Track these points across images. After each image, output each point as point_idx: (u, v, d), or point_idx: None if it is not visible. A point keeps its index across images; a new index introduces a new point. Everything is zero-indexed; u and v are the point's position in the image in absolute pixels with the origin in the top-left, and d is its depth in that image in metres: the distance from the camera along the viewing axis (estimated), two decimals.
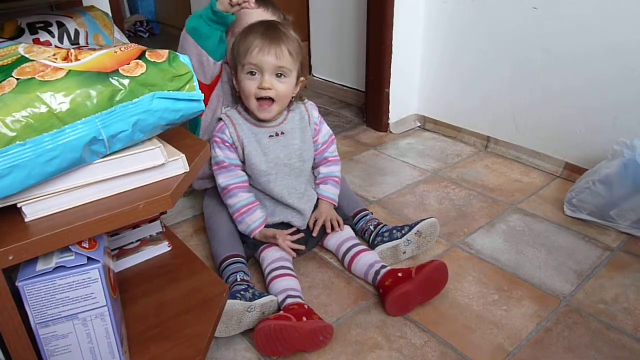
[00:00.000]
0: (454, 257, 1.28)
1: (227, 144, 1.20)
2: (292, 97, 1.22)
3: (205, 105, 1.30)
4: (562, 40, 1.54)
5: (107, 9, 1.38)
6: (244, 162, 1.22)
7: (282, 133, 1.22)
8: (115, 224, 0.63)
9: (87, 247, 0.63)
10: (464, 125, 1.92)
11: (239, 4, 1.14)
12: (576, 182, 1.46)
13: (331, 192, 1.30)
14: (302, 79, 1.21)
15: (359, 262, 1.20)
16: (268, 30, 1.13)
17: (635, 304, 1.13)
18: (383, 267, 1.16)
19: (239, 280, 1.12)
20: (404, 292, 1.08)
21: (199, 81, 1.23)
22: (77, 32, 0.74)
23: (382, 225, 1.30)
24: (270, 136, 1.21)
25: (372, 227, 1.30)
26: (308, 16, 2.41)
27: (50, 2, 0.88)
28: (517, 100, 1.72)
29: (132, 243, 1.03)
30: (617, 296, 1.15)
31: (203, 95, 0.67)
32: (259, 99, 1.16)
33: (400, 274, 1.12)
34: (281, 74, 1.14)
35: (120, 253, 1.01)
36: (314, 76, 2.47)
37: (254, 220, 1.20)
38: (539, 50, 1.61)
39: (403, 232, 1.25)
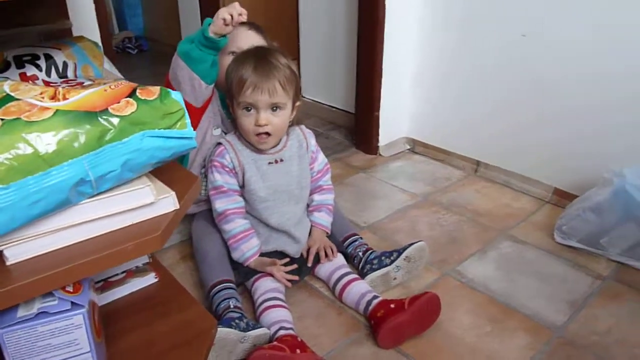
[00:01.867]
0: (445, 286, 1.27)
1: (227, 169, 1.19)
2: (290, 122, 1.21)
3: (195, 127, 1.30)
4: (551, 66, 1.56)
5: (95, 28, 1.36)
6: (242, 187, 1.21)
7: (281, 160, 1.22)
8: (102, 267, 0.60)
9: (71, 290, 0.60)
10: (453, 148, 1.92)
11: (232, 24, 1.13)
12: (566, 209, 1.46)
13: (324, 219, 1.29)
14: (297, 103, 1.20)
15: (350, 291, 1.18)
16: (258, 64, 1.12)
17: (628, 335, 1.12)
18: (375, 297, 1.15)
19: (231, 307, 1.09)
20: (397, 323, 1.06)
21: (190, 104, 1.23)
22: (65, 65, 0.72)
23: (370, 251, 1.29)
24: (270, 163, 1.21)
25: (360, 254, 1.29)
26: (298, 35, 2.41)
27: (39, 31, 0.85)
28: (506, 125, 1.73)
29: (117, 274, 1.00)
30: (610, 327, 1.14)
31: (195, 132, 0.65)
32: (257, 134, 1.15)
33: (392, 305, 1.10)
34: (276, 108, 1.14)
35: (105, 285, 0.97)
36: (303, 97, 2.46)
37: (250, 248, 1.19)
38: (528, 76, 1.62)
39: (392, 258, 1.24)
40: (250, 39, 1.29)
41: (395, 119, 2.01)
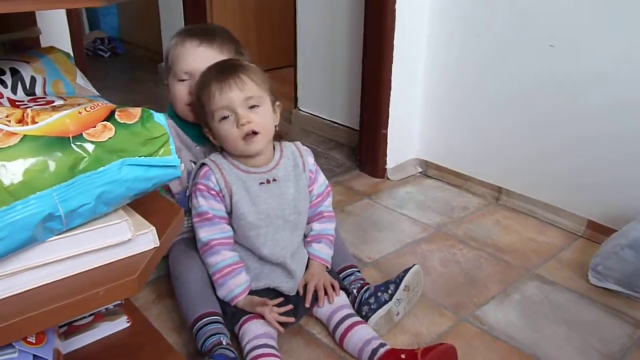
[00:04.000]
0: (462, 334, 1.27)
1: (213, 192, 1.19)
2: (275, 126, 1.23)
3: None
4: (583, 84, 1.58)
5: (66, 34, 1.38)
6: (229, 213, 1.21)
7: (274, 180, 1.22)
8: (69, 315, 0.60)
9: (34, 341, 0.60)
10: (471, 172, 1.93)
11: None
12: (602, 245, 1.47)
13: (325, 252, 1.29)
14: (277, 103, 1.24)
15: (352, 336, 1.18)
16: (220, 69, 1.18)
17: None
18: (381, 345, 1.14)
19: (224, 343, 1.10)
20: None
21: None
22: (33, 80, 0.73)
23: (365, 287, 1.29)
24: (261, 183, 1.21)
25: (355, 291, 1.29)
26: (295, 40, 2.44)
27: (4, 40, 0.86)
28: (532, 147, 1.74)
29: (84, 317, 1.00)
30: None
31: (180, 160, 0.65)
32: (243, 137, 1.17)
33: (403, 355, 1.09)
34: (253, 105, 1.17)
35: (70, 330, 0.97)
36: (299, 110, 2.48)
37: (238, 284, 1.18)
38: (557, 92, 1.64)
39: (389, 291, 1.25)
40: (201, 58, 1.26)
41: (405, 137, 2.03)
